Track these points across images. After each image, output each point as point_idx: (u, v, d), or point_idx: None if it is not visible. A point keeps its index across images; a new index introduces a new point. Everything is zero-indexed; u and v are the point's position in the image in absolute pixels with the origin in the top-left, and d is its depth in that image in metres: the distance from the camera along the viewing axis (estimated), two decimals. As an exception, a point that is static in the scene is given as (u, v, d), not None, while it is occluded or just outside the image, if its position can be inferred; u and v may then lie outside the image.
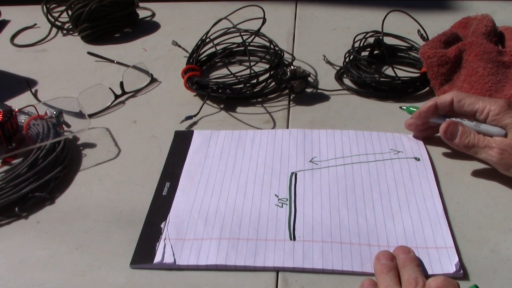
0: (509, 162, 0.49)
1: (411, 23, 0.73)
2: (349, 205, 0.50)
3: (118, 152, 0.61)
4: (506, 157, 0.49)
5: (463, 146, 0.52)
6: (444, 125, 0.53)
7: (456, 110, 0.54)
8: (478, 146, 0.51)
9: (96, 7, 0.83)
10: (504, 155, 0.49)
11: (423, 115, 0.56)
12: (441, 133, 0.53)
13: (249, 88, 0.68)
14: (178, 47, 0.82)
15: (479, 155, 0.51)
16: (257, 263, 0.45)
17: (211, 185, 0.54)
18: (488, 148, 0.50)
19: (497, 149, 0.49)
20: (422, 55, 0.67)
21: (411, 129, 0.59)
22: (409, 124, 0.59)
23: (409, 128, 0.59)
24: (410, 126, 0.59)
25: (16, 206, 0.52)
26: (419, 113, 0.56)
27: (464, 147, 0.52)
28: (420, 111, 0.56)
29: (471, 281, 0.43)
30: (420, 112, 0.56)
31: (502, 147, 0.49)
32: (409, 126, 0.59)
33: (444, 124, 0.53)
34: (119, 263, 0.46)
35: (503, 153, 0.49)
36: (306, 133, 0.61)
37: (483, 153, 0.51)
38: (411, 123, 0.58)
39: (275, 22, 0.87)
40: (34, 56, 0.84)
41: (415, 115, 0.57)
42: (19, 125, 0.61)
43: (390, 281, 0.41)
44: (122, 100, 0.70)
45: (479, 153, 0.51)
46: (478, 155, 0.52)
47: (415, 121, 0.57)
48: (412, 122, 0.58)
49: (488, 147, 0.50)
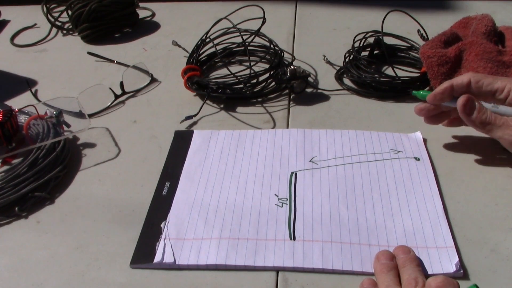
0: None
1: (411, 23, 0.73)
2: (349, 205, 0.50)
3: (118, 152, 0.61)
4: None
5: (479, 122, 0.50)
6: (463, 99, 0.50)
7: (474, 91, 0.52)
8: (495, 123, 0.49)
9: (96, 7, 0.83)
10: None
11: (438, 97, 0.53)
12: (459, 107, 0.51)
13: (249, 88, 0.68)
14: (178, 47, 0.82)
15: (494, 133, 0.50)
16: (257, 262, 0.45)
17: (211, 185, 0.54)
18: (505, 127, 0.49)
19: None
20: (422, 55, 0.67)
21: (422, 114, 0.57)
22: (420, 109, 0.56)
23: (420, 113, 0.57)
24: (421, 111, 0.56)
25: (16, 206, 0.52)
26: (434, 95, 0.53)
27: (480, 123, 0.50)
28: (435, 93, 0.53)
29: (471, 281, 0.43)
30: (435, 94, 0.53)
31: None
32: (420, 111, 0.56)
33: (462, 98, 0.51)
34: (119, 263, 0.46)
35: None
36: (306, 133, 0.61)
37: (499, 131, 0.49)
38: (423, 108, 0.56)
39: (275, 22, 0.87)
40: (34, 56, 0.84)
41: (430, 97, 0.54)
42: (19, 125, 0.61)
43: (390, 281, 0.41)
44: (122, 100, 0.70)
45: (494, 131, 0.50)
46: (492, 133, 0.50)
47: (427, 105, 0.55)
48: (424, 107, 0.56)
49: (505, 125, 0.49)
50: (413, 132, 0.60)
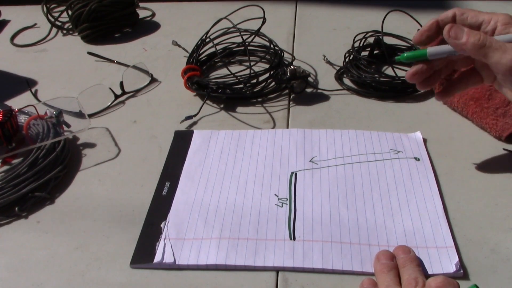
0: None
1: (411, 23, 0.73)
2: (349, 205, 0.50)
3: (118, 152, 0.61)
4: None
5: (471, 45, 0.45)
6: (447, 26, 0.47)
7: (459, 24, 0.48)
8: (491, 46, 0.45)
9: (96, 7, 0.83)
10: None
11: (424, 35, 0.49)
12: (445, 33, 0.47)
13: (249, 88, 0.68)
14: (178, 47, 0.82)
15: (490, 58, 0.45)
16: (257, 262, 0.45)
17: (211, 185, 0.54)
18: (503, 51, 0.44)
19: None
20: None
21: (415, 78, 0.50)
22: (413, 73, 0.50)
23: (413, 78, 0.50)
24: (414, 75, 0.50)
25: (16, 206, 0.52)
26: (421, 33, 0.49)
27: (472, 45, 0.45)
28: (422, 31, 0.49)
29: (471, 281, 0.43)
30: (422, 32, 0.49)
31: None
32: (413, 75, 0.50)
33: (447, 26, 0.47)
34: (119, 263, 0.46)
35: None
36: (306, 133, 0.61)
37: (495, 55, 0.44)
38: (414, 71, 0.50)
39: (275, 22, 0.87)
40: (34, 56, 0.84)
41: (417, 36, 0.49)
42: (19, 125, 0.61)
43: (390, 281, 0.41)
44: (122, 100, 0.70)
45: (490, 55, 0.45)
46: (488, 57, 0.45)
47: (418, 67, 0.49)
48: (415, 70, 0.50)
49: (502, 49, 0.44)
50: (413, 132, 0.60)
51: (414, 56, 0.49)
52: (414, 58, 0.49)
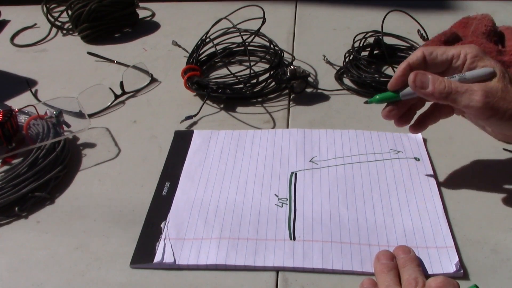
0: (495, 106, 0.44)
1: (411, 23, 0.73)
2: (349, 205, 0.50)
3: (118, 152, 0.61)
4: (491, 100, 0.43)
5: (438, 94, 0.45)
6: (411, 75, 0.46)
7: (430, 64, 0.47)
8: (457, 91, 0.44)
9: (96, 7, 0.83)
10: (489, 98, 0.43)
11: (399, 80, 0.48)
12: (410, 83, 0.46)
13: (249, 88, 0.68)
14: (178, 47, 0.82)
15: (460, 102, 0.45)
16: (257, 262, 0.45)
17: (211, 185, 0.54)
18: (470, 93, 0.44)
19: (481, 91, 0.44)
20: (422, 55, 0.67)
21: (391, 116, 0.50)
22: (388, 111, 0.50)
23: (389, 116, 0.50)
24: (390, 113, 0.50)
25: (16, 206, 0.52)
26: (395, 79, 0.48)
27: (440, 94, 0.45)
28: (395, 77, 0.48)
29: (471, 281, 0.43)
30: (396, 78, 0.48)
31: (487, 89, 0.44)
32: (389, 113, 0.50)
33: (411, 74, 0.46)
34: (119, 263, 0.46)
35: (487, 95, 0.43)
36: (306, 133, 0.61)
37: (464, 99, 0.44)
38: (390, 109, 0.50)
39: (275, 22, 0.87)
40: (34, 56, 0.84)
41: (392, 84, 0.48)
42: (19, 125, 0.61)
43: (390, 281, 0.41)
44: (122, 100, 0.70)
45: (458, 100, 0.44)
46: (458, 102, 0.45)
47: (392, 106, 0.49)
48: (391, 108, 0.50)
49: (469, 91, 0.44)
50: (413, 132, 0.60)
51: (386, 97, 0.49)
52: (386, 99, 0.49)
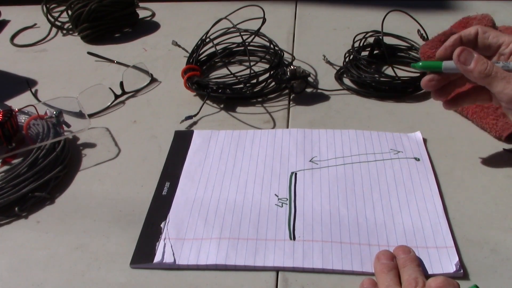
0: None
1: (411, 23, 0.73)
2: (349, 205, 0.50)
3: (118, 152, 0.61)
4: None
5: (478, 73, 0.47)
6: (457, 50, 0.48)
7: (480, 42, 0.50)
8: (496, 76, 0.46)
9: (96, 7, 0.83)
10: None
11: (448, 50, 0.50)
12: (455, 57, 0.48)
13: (249, 88, 0.68)
14: (178, 47, 0.82)
15: (494, 86, 0.47)
16: (257, 262, 0.45)
17: (211, 185, 0.54)
18: (507, 81, 0.46)
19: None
20: (422, 54, 0.67)
21: (430, 85, 0.52)
22: (429, 80, 0.52)
23: (428, 85, 0.52)
24: (430, 82, 0.52)
25: (16, 206, 0.52)
26: (445, 48, 0.50)
27: (479, 74, 0.47)
28: (446, 45, 0.50)
29: (471, 281, 0.43)
30: (446, 46, 0.50)
31: None
32: (428, 82, 0.52)
33: (458, 49, 0.48)
34: (119, 263, 0.46)
35: None
36: (306, 132, 0.61)
37: (499, 85, 0.46)
38: (431, 78, 0.51)
39: (275, 22, 0.87)
40: (34, 56, 0.84)
41: (441, 51, 0.51)
42: (19, 125, 0.61)
43: (390, 281, 0.41)
44: (122, 100, 0.70)
45: (494, 84, 0.47)
46: (492, 86, 0.47)
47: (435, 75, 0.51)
48: (432, 77, 0.52)
49: (507, 79, 0.46)
50: (413, 132, 0.60)
51: (429, 66, 0.51)
52: (428, 68, 0.51)
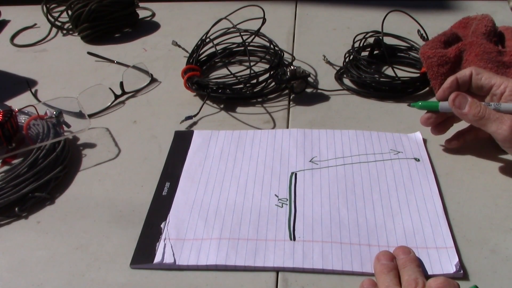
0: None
1: (411, 23, 0.73)
2: (349, 205, 0.50)
3: (118, 152, 0.61)
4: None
5: (472, 116, 0.51)
6: (452, 95, 0.52)
7: (474, 83, 0.53)
8: (489, 118, 0.50)
9: (96, 7, 0.83)
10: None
11: (447, 92, 0.54)
12: (450, 102, 0.52)
13: (249, 88, 0.68)
14: (178, 47, 0.82)
15: (488, 127, 0.50)
16: (257, 263, 0.45)
17: (211, 185, 0.54)
18: (499, 122, 0.49)
19: (510, 121, 0.49)
20: (422, 55, 0.67)
21: (429, 123, 0.57)
22: (427, 118, 0.56)
23: (427, 123, 0.57)
24: (428, 120, 0.56)
25: (16, 206, 0.52)
26: (443, 90, 0.54)
27: (473, 117, 0.51)
28: (444, 88, 0.54)
29: (471, 281, 0.43)
30: (444, 89, 0.54)
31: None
32: (427, 120, 0.56)
33: (452, 94, 0.52)
34: (119, 263, 0.46)
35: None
36: (306, 133, 0.61)
37: (493, 126, 0.49)
38: (429, 116, 0.56)
39: (275, 22, 0.87)
40: (34, 56, 0.84)
41: (440, 94, 0.55)
42: (19, 125, 0.61)
43: (390, 281, 0.41)
44: (122, 100, 0.70)
45: (488, 125, 0.50)
46: (487, 127, 0.50)
47: (432, 114, 0.56)
48: (430, 115, 0.56)
49: (499, 120, 0.49)
50: (413, 132, 0.60)
51: (426, 106, 0.56)
52: (426, 107, 0.56)
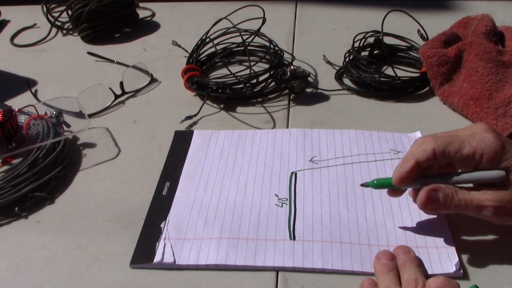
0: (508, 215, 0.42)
1: (411, 23, 0.73)
2: (349, 205, 0.50)
3: (118, 152, 0.61)
4: (503, 213, 0.41)
5: (448, 211, 0.43)
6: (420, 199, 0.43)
7: (442, 161, 0.43)
8: (467, 207, 0.42)
9: (96, 7, 0.83)
10: (501, 212, 0.41)
11: (407, 181, 0.44)
12: (420, 207, 0.44)
13: (249, 88, 0.68)
14: (178, 47, 0.82)
15: (471, 214, 0.43)
16: (257, 263, 0.45)
17: (211, 185, 0.54)
18: (479, 208, 0.42)
19: (492, 207, 0.41)
20: (422, 54, 0.67)
21: (395, 196, 0.48)
22: (393, 192, 0.48)
23: (394, 195, 0.48)
24: (394, 194, 0.48)
25: (16, 206, 0.52)
26: (401, 179, 0.44)
27: (449, 211, 0.43)
28: (402, 176, 0.44)
29: (471, 281, 0.43)
30: (402, 177, 0.44)
31: (498, 203, 0.41)
32: (393, 194, 0.48)
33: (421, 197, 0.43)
34: (119, 263, 0.46)
35: (499, 211, 0.41)
36: (306, 132, 0.61)
37: (475, 213, 0.42)
38: (393, 193, 0.48)
39: (275, 22, 0.87)
40: (34, 56, 0.84)
41: (397, 181, 0.44)
42: (19, 125, 0.61)
43: (390, 281, 0.41)
44: (122, 100, 0.70)
45: (469, 213, 0.43)
46: (469, 214, 0.43)
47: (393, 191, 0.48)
48: (393, 193, 0.48)
49: (478, 207, 0.42)
50: (413, 132, 0.60)
51: (382, 184, 0.47)
52: (382, 186, 0.48)
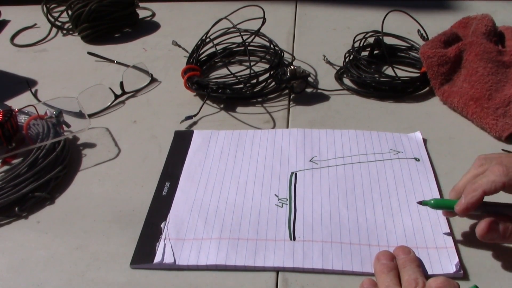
0: None
1: (411, 23, 0.73)
2: (349, 205, 0.50)
3: (118, 152, 0.61)
4: None
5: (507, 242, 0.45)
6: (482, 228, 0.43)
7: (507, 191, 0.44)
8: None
9: (96, 7, 0.83)
10: None
11: (471, 209, 0.44)
12: (480, 238, 0.44)
13: (249, 88, 0.68)
14: (178, 47, 0.82)
15: None
16: (257, 263, 0.45)
17: (211, 185, 0.54)
18: None
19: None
20: (422, 55, 0.67)
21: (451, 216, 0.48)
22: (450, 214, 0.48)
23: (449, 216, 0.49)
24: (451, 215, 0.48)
25: (16, 206, 0.52)
26: (467, 208, 0.44)
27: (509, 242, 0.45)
28: (468, 205, 0.44)
29: (471, 281, 0.43)
30: (468, 207, 0.44)
31: None
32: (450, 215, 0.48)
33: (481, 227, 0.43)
34: (119, 263, 0.46)
35: None
36: (306, 132, 0.61)
37: None
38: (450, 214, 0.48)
39: (275, 22, 0.87)
40: (34, 56, 0.84)
41: (461, 210, 0.44)
42: (19, 125, 0.61)
43: (390, 281, 0.41)
44: (122, 100, 0.70)
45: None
46: None
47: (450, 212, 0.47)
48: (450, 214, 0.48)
49: None
50: (413, 132, 0.60)
51: (441, 205, 0.47)
52: (440, 208, 0.48)
